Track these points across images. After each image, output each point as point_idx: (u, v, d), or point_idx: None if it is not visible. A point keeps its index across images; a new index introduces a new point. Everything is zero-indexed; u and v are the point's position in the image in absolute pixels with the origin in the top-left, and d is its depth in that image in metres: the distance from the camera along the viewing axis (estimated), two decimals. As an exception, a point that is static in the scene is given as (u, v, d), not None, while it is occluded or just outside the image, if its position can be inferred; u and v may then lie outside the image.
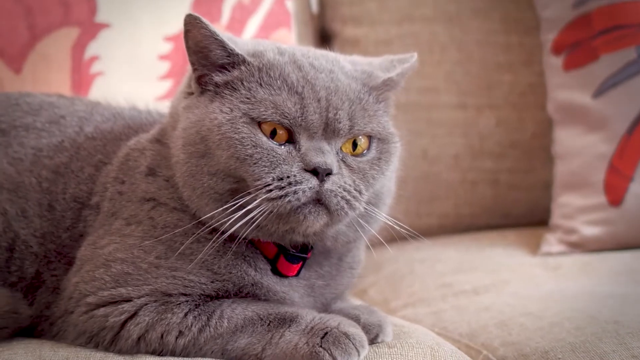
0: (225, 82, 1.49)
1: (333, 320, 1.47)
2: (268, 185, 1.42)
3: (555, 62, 2.33)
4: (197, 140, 1.48)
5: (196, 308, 1.49)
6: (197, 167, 1.48)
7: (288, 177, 1.43)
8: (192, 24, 1.48)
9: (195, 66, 1.51)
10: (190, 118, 1.50)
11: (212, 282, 1.50)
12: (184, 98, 1.55)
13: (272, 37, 2.23)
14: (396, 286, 2.17)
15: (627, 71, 2.22)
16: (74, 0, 2.12)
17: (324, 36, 2.56)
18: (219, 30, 1.49)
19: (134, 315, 1.49)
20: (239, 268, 1.51)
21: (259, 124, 1.46)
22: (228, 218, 1.44)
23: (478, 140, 2.50)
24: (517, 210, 2.53)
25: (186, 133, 1.49)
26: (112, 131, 1.69)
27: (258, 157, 1.44)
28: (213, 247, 1.49)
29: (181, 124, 1.51)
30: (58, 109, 1.72)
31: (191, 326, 1.47)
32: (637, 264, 2.12)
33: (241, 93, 1.48)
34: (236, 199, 1.44)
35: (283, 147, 1.45)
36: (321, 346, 1.43)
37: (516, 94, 2.50)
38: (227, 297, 1.51)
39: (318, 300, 1.59)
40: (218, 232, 1.47)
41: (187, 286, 1.50)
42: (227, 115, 1.46)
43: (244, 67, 1.49)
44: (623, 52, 2.23)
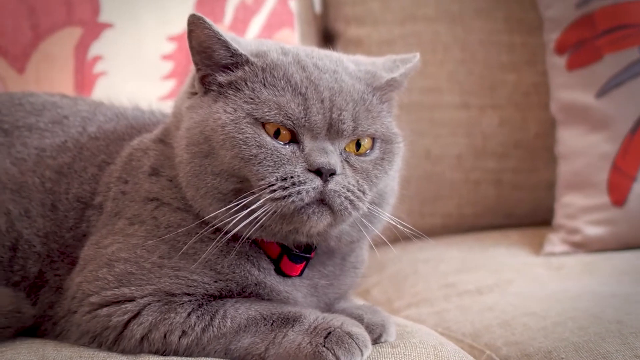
0: (228, 82, 1.49)
1: (336, 320, 1.47)
2: (272, 185, 1.42)
3: (558, 62, 2.32)
4: (201, 140, 1.47)
5: (199, 308, 1.49)
6: (201, 167, 1.47)
7: (292, 177, 1.42)
8: (196, 24, 1.47)
9: (198, 66, 1.51)
10: (193, 118, 1.50)
11: (216, 282, 1.50)
12: (188, 98, 1.55)
13: (275, 37, 2.22)
14: (399, 286, 2.17)
15: (631, 71, 2.22)
16: (77, 0, 2.12)
17: (327, 36, 2.56)
18: (222, 30, 1.49)
19: (137, 315, 1.49)
20: (243, 268, 1.51)
21: (263, 124, 1.46)
22: (232, 218, 1.44)
23: (481, 140, 2.50)
24: (520, 210, 2.52)
25: (190, 133, 1.49)
26: (115, 131, 1.68)
27: (262, 157, 1.43)
28: (216, 247, 1.48)
29: (185, 124, 1.51)
30: (61, 109, 1.72)
31: (194, 326, 1.47)
32: (640, 264, 2.12)
33: (245, 93, 1.48)
34: (240, 199, 1.44)
35: (287, 147, 1.45)
36: (324, 346, 1.43)
37: (519, 94, 2.50)
38: (231, 297, 1.51)
39: (321, 300, 1.58)
40: (221, 232, 1.47)
41: (191, 286, 1.50)
42: (231, 115, 1.46)
43: (248, 67, 1.49)
44: (626, 52, 2.22)
